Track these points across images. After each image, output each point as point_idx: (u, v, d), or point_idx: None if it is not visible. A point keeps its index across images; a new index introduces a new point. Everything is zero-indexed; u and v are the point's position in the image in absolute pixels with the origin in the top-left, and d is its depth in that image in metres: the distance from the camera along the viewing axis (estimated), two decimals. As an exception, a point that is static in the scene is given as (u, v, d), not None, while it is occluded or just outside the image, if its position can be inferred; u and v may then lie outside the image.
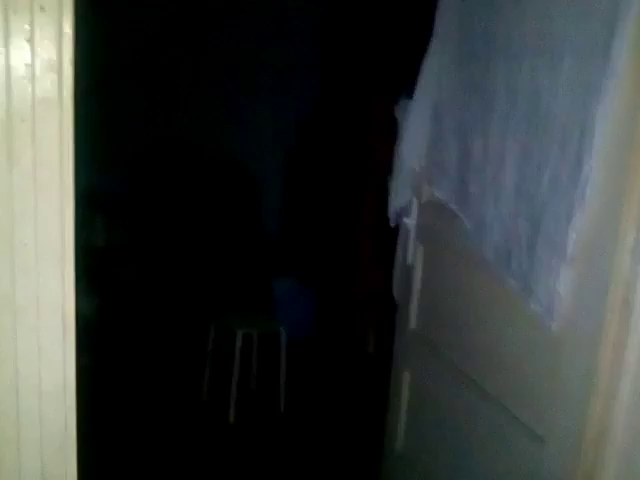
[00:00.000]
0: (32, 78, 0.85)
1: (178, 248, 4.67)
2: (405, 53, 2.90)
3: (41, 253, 0.90)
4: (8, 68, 0.84)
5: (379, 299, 4.20)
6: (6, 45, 0.84)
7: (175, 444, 3.33)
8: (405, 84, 2.43)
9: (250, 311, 4.01)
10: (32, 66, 0.85)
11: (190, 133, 4.88)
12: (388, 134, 2.64)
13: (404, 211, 2.45)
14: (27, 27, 0.84)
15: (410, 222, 2.40)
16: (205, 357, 3.64)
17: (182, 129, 4.90)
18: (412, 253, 2.43)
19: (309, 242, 4.81)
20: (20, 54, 0.85)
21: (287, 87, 5.02)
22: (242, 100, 5.13)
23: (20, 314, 0.91)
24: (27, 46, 0.85)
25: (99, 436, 2.89)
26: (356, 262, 4.43)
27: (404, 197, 2.41)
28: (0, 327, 0.91)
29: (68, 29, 0.85)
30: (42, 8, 0.84)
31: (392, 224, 2.48)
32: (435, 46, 2.23)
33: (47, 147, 0.87)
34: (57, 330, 0.93)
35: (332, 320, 4.65)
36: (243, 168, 5.02)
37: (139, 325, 4.39)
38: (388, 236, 3.65)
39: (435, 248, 2.31)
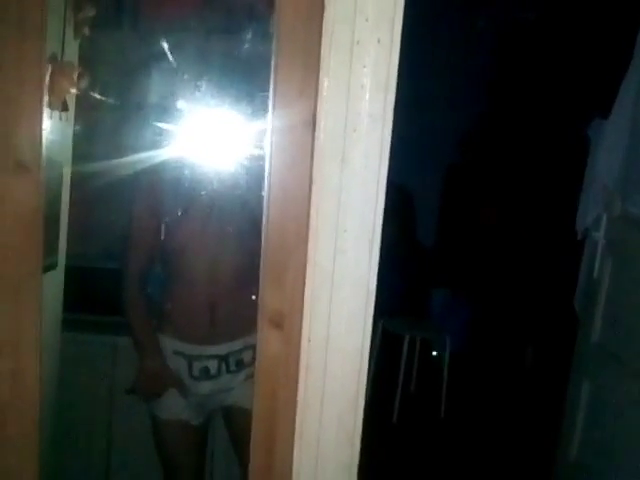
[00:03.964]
0: (364, 97, 1.07)
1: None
2: (595, 75, 2.98)
3: (357, 238, 1.11)
4: (348, 88, 1.06)
5: (540, 315, 4.23)
6: (349, 70, 1.06)
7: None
8: (595, 105, 2.52)
9: (414, 316, 4.18)
10: (365, 87, 1.07)
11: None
12: (575, 152, 2.73)
13: (592, 226, 2.52)
14: (365, 56, 1.05)
15: (599, 236, 2.47)
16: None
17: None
18: (599, 267, 2.49)
19: (468, 256, 4.90)
20: (358, 78, 1.06)
21: (449, 102, 5.12)
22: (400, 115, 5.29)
23: (336, 287, 1.13)
24: (363, 71, 1.06)
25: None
26: (523, 277, 4.48)
27: (594, 212, 2.49)
28: (319, 298, 1.12)
29: (395, 58, 1.06)
30: (379, 40, 1.05)
31: (580, 238, 2.56)
32: (635, 67, 2.30)
33: (371, 153, 1.08)
34: (361, 301, 1.14)
35: (489, 333, 4.71)
36: (400, 182, 5.21)
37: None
38: (559, 251, 3.71)
39: (625, 262, 2.37)
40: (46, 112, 1.16)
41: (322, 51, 1.04)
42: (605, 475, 2.38)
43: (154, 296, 2.05)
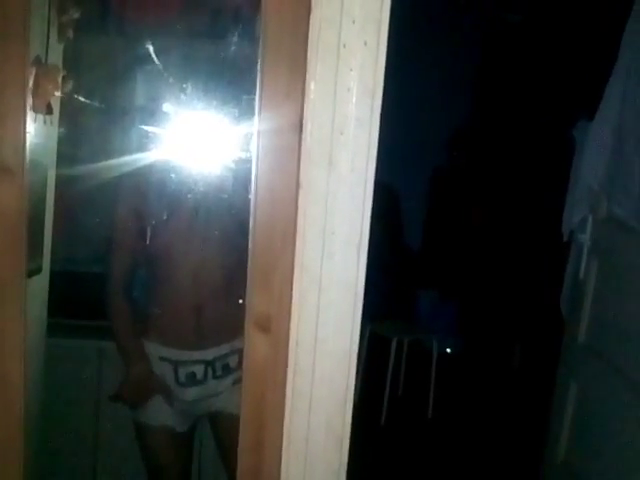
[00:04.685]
0: (351, 100, 1.07)
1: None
2: (581, 76, 3.00)
3: (344, 240, 1.11)
4: (335, 91, 1.06)
5: (528, 314, 4.25)
6: (335, 73, 1.05)
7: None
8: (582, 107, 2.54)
9: (402, 319, 4.19)
10: (352, 90, 1.06)
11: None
12: (560, 153, 2.75)
13: (578, 227, 2.54)
14: (352, 59, 1.05)
15: (585, 238, 2.48)
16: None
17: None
18: (585, 268, 2.51)
19: (455, 257, 4.92)
20: (344, 81, 1.06)
21: (436, 104, 5.13)
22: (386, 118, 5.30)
23: (323, 290, 1.12)
24: (350, 74, 1.06)
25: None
26: (508, 277, 4.50)
27: (579, 214, 2.50)
28: (307, 301, 1.12)
29: (382, 61, 1.06)
30: (365, 43, 1.05)
31: (565, 239, 2.58)
32: (620, 70, 2.32)
33: (358, 156, 1.08)
34: (349, 304, 1.14)
35: (476, 335, 4.73)
36: (386, 184, 5.21)
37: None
38: (545, 252, 3.73)
39: (611, 263, 2.38)
40: (30, 115, 1.15)
41: (308, 54, 1.04)
42: (592, 474, 2.39)
43: (139, 301, 2.03)
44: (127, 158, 1.80)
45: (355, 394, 1.19)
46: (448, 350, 4.62)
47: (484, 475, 3.38)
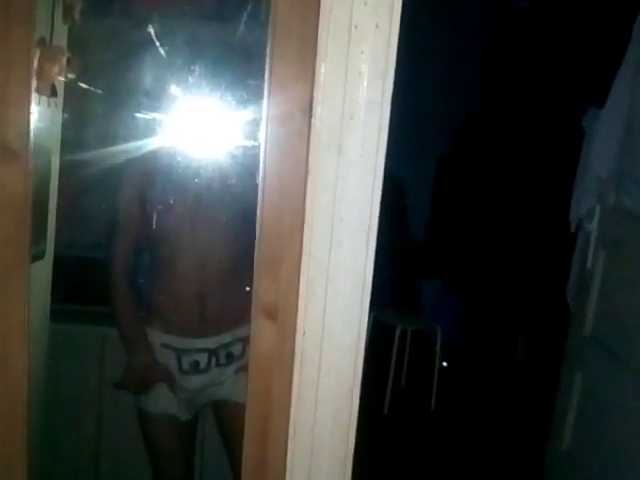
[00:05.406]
0: (362, 83, 1.04)
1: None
2: (590, 65, 2.96)
3: (353, 228, 1.09)
4: (346, 74, 1.04)
5: (533, 305, 4.23)
6: (347, 55, 1.03)
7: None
8: (590, 94, 2.50)
9: (406, 308, 4.17)
10: (363, 74, 1.04)
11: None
12: (568, 142, 2.71)
13: (586, 217, 2.51)
14: (363, 41, 1.03)
15: (592, 228, 2.46)
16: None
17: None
18: (592, 259, 2.48)
19: (460, 247, 4.90)
20: (355, 64, 1.03)
21: (442, 93, 5.09)
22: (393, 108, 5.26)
23: (331, 279, 1.10)
24: (361, 57, 1.03)
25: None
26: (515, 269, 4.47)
27: (587, 203, 2.48)
28: (315, 290, 1.10)
29: (394, 44, 1.03)
30: (377, 26, 1.02)
31: (573, 229, 2.55)
32: (631, 57, 2.28)
33: (369, 141, 1.06)
34: (357, 293, 1.12)
35: (480, 325, 4.71)
36: (391, 174, 5.18)
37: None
38: (551, 242, 3.70)
39: (619, 254, 2.36)
40: (34, 98, 1.13)
41: (319, 36, 1.01)
42: (596, 466, 2.38)
43: (142, 288, 2.02)
44: (132, 142, 1.77)
45: (359, 384, 1.17)
46: (452, 340, 4.60)
47: (488, 466, 3.38)
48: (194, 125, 1.74)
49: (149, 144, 1.76)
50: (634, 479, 2.13)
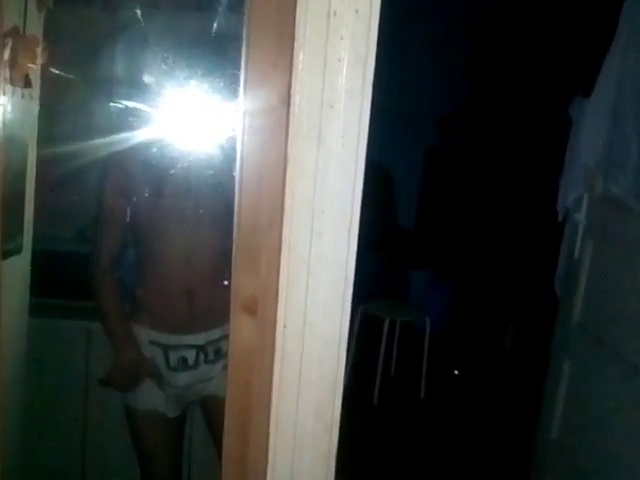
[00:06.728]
0: (342, 71, 1.01)
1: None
2: (577, 53, 2.95)
3: (334, 219, 1.06)
4: (325, 62, 1.01)
5: (521, 294, 4.23)
6: (326, 42, 1.00)
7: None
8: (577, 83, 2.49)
9: (394, 299, 4.16)
10: (343, 60, 1.01)
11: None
12: (556, 131, 2.70)
13: (573, 206, 2.50)
14: (343, 28, 1.00)
15: (580, 217, 2.45)
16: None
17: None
18: (580, 248, 2.47)
19: (448, 237, 4.89)
20: (335, 51, 1.01)
21: (429, 81, 5.05)
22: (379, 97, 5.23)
23: (312, 271, 1.08)
24: (341, 44, 1.01)
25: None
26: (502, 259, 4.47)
27: (575, 192, 2.47)
28: (295, 283, 1.08)
29: (375, 30, 1.01)
30: (357, 11, 1.00)
31: (560, 218, 2.54)
32: (618, 46, 2.27)
33: (349, 130, 1.03)
34: (339, 286, 1.09)
35: (469, 315, 4.71)
36: (379, 164, 5.16)
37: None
38: (540, 231, 3.69)
39: (607, 243, 2.35)
40: (7, 88, 1.10)
41: (297, 22, 0.98)
42: (585, 454, 2.38)
43: (128, 284, 1.98)
44: (110, 133, 1.74)
45: (346, 374, 1.15)
46: (440, 330, 4.59)
47: (477, 455, 3.38)
48: (173, 115, 1.71)
49: (128, 135, 1.73)
50: (622, 467, 2.13)
